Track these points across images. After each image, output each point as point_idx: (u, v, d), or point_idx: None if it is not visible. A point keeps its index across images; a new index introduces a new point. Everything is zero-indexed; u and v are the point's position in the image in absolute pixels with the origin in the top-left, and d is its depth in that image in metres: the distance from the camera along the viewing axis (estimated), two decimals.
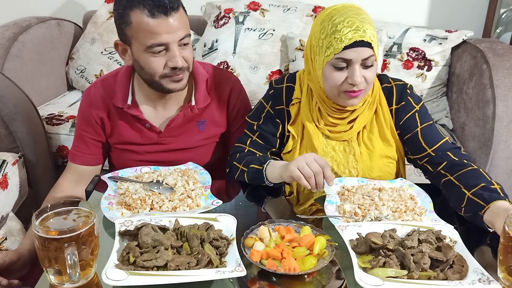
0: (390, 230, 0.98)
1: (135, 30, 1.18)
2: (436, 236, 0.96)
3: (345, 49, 1.11)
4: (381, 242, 0.93)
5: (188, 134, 1.38)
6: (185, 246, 0.94)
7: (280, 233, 1.00)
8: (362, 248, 0.94)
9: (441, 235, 0.97)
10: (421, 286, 0.85)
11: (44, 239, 0.83)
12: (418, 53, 2.21)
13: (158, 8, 1.15)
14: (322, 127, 1.25)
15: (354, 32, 1.10)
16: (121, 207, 1.10)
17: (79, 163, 1.39)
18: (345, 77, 1.14)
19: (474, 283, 0.85)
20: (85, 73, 2.42)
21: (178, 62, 1.20)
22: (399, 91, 1.24)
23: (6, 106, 1.69)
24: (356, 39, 1.10)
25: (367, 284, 0.83)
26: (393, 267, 0.88)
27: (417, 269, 0.88)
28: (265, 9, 2.36)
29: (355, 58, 1.11)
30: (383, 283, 0.84)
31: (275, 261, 0.91)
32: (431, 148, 1.20)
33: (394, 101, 1.24)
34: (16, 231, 1.43)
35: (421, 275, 0.87)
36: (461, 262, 0.90)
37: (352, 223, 1.01)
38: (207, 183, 1.20)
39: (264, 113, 1.31)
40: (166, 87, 1.25)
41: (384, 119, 1.24)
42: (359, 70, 1.12)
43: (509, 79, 1.86)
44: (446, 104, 2.23)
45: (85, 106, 1.37)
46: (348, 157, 1.25)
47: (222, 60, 2.29)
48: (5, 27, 2.20)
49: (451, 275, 0.88)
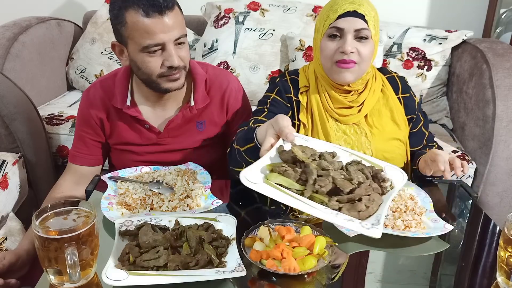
0: (328, 152, 0.95)
1: (131, 30, 1.18)
2: (374, 173, 0.91)
3: (339, 19, 1.18)
4: (303, 155, 0.90)
5: (187, 135, 1.38)
6: (185, 246, 0.94)
7: (280, 233, 1.00)
8: (285, 155, 0.91)
9: (382, 175, 0.91)
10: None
11: (44, 239, 0.83)
12: (418, 53, 2.21)
13: (152, 7, 1.15)
14: (331, 110, 1.27)
15: (349, 4, 1.17)
16: (121, 207, 1.10)
17: (79, 164, 1.39)
18: (337, 47, 1.19)
19: (347, 220, 0.79)
20: (85, 73, 2.42)
21: (174, 61, 1.20)
22: (402, 82, 1.34)
23: (6, 106, 1.69)
24: (350, 9, 1.16)
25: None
26: (289, 178, 0.86)
27: (311, 188, 0.84)
28: (265, 9, 2.36)
29: (347, 28, 1.17)
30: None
31: (275, 261, 0.91)
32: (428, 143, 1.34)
33: (400, 91, 1.32)
34: (16, 231, 1.43)
35: (313, 196, 0.84)
36: (369, 204, 0.82)
37: (301, 136, 0.99)
38: (207, 183, 1.20)
39: (270, 99, 1.31)
40: (163, 87, 1.25)
41: (394, 104, 1.30)
42: (351, 40, 1.18)
43: (509, 79, 1.86)
44: (446, 104, 2.23)
45: (85, 107, 1.37)
46: (361, 139, 1.27)
47: (222, 60, 2.29)
48: (5, 27, 2.19)
49: (346, 210, 0.82)
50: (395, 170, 0.96)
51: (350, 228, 0.79)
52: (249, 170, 0.85)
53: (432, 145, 1.38)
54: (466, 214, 1.21)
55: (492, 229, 1.11)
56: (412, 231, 1.01)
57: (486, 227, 1.14)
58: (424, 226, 1.04)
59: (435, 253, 1.01)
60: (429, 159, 1.16)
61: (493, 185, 1.87)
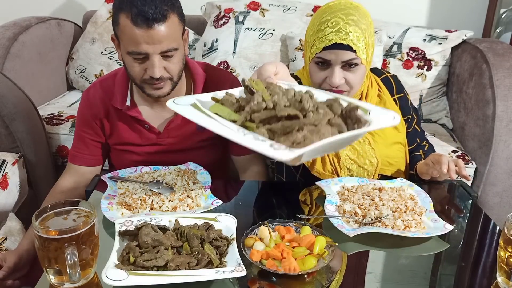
0: (306, 92, 0.79)
1: (121, 32, 1.19)
2: (346, 111, 0.75)
3: (325, 50, 1.13)
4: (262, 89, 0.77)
5: (187, 135, 1.37)
6: (185, 246, 0.94)
7: (280, 233, 1.00)
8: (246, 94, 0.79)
9: (357, 115, 0.74)
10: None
11: (44, 239, 0.83)
12: (418, 53, 2.21)
13: (140, 17, 1.13)
14: None
15: (335, 33, 1.11)
16: (121, 207, 1.10)
17: (79, 164, 1.39)
18: (325, 77, 1.16)
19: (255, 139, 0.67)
20: (85, 73, 2.42)
21: (155, 73, 1.19)
22: (396, 82, 1.33)
23: (6, 106, 1.69)
24: (336, 41, 1.11)
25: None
26: (227, 106, 0.76)
27: (245, 115, 0.72)
28: (265, 9, 2.36)
29: (334, 60, 1.14)
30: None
31: (275, 261, 0.91)
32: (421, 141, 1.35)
33: (395, 91, 1.31)
34: (16, 231, 1.43)
35: (246, 124, 0.72)
36: (314, 137, 0.68)
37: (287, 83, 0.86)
38: (207, 183, 1.20)
39: None
40: (147, 92, 1.26)
41: (391, 107, 1.29)
42: (339, 72, 1.14)
43: (509, 79, 1.86)
44: (446, 104, 2.23)
45: (84, 107, 1.37)
46: (365, 147, 1.26)
47: (222, 60, 2.28)
48: (5, 27, 2.19)
49: (277, 139, 0.68)
50: (385, 113, 0.77)
51: (257, 149, 0.65)
52: (182, 97, 0.79)
53: (424, 145, 1.39)
54: (466, 214, 1.21)
55: (492, 229, 1.11)
56: (412, 231, 1.01)
57: (486, 227, 1.14)
58: (424, 226, 1.04)
59: (435, 253, 1.01)
60: (431, 161, 1.16)
61: (493, 185, 1.87)
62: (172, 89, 1.27)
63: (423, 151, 1.36)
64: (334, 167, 1.25)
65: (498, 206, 1.91)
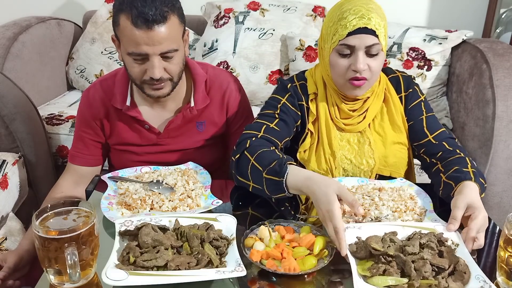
0: (391, 233, 0.96)
1: (121, 33, 1.19)
2: (437, 239, 0.94)
3: (349, 36, 1.13)
4: (381, 247, 0.91)
5: (187, 135, 1.37)
6: (185, 246, 0.94)
7: (280, 233, 1.00)
8: (362, 253, 0.92)
9: (443, 238, 0.95)
10: None
11: (44, 239, 0.83)
12: (418, 53, 2.21)
13: (140, 19, 1.13)
14: (337, 120, 1.26)
15: (359, 19, 1.12)
16: (121, 207, 1.10)
17: (78, 164, 1.39)
18: (349, 64, 1.16)
19: None
20: (85, 73, 2.42)
21: (155, 74, 1.19)
22: (406, 80, 1.31)
23: (6, 106, 1.69)
24: (360, 26, 1.12)
25: None
26: (393, 275, 0.86)
27: (418, 277, 0.85)
28: (265, 9, 2.36)
29: (358, 45, 1.14)
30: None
31: (275, 261, 0.91)
32: (432, 135, 1.26)
33: (402, 89, 1.29)
34: (16, 231, 1.43)
35: (422, 283, 0.85)
36: (463, 268, 0.87)
37: (352, 225, 0.99)
38: (207, 183, 1.20)
39: (281, 104, 1.27)
40: (147, 92, 1.26)
41: (394, 106, 1.28)
42: (363, 57, 1.15)
43: (509, 79, 1.86)
44: (446, 104, 2.23)
45: (84, 107, 1.37)
46: (364, 148, 1.26)
47: (222, 60, 2.29)
48: (5, 27, 2.20)
49: (452, 282, 0.85)
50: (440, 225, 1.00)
51: None
52: None
53: (465, 161, 1.16)
54: None
55: (492, 229, 1.10)
56: None
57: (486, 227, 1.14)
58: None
59: None
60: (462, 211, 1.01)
61: (493, 185, 1.87)
62: (172, 90, 1.27)
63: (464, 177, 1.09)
64: (329, 166, 1.25)
65: (498, 206, 1.91)
